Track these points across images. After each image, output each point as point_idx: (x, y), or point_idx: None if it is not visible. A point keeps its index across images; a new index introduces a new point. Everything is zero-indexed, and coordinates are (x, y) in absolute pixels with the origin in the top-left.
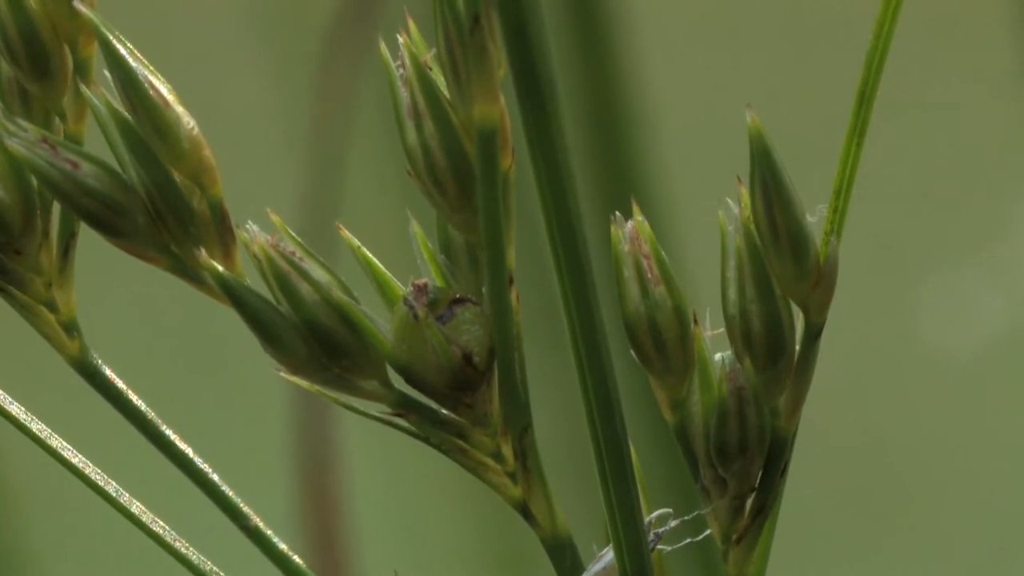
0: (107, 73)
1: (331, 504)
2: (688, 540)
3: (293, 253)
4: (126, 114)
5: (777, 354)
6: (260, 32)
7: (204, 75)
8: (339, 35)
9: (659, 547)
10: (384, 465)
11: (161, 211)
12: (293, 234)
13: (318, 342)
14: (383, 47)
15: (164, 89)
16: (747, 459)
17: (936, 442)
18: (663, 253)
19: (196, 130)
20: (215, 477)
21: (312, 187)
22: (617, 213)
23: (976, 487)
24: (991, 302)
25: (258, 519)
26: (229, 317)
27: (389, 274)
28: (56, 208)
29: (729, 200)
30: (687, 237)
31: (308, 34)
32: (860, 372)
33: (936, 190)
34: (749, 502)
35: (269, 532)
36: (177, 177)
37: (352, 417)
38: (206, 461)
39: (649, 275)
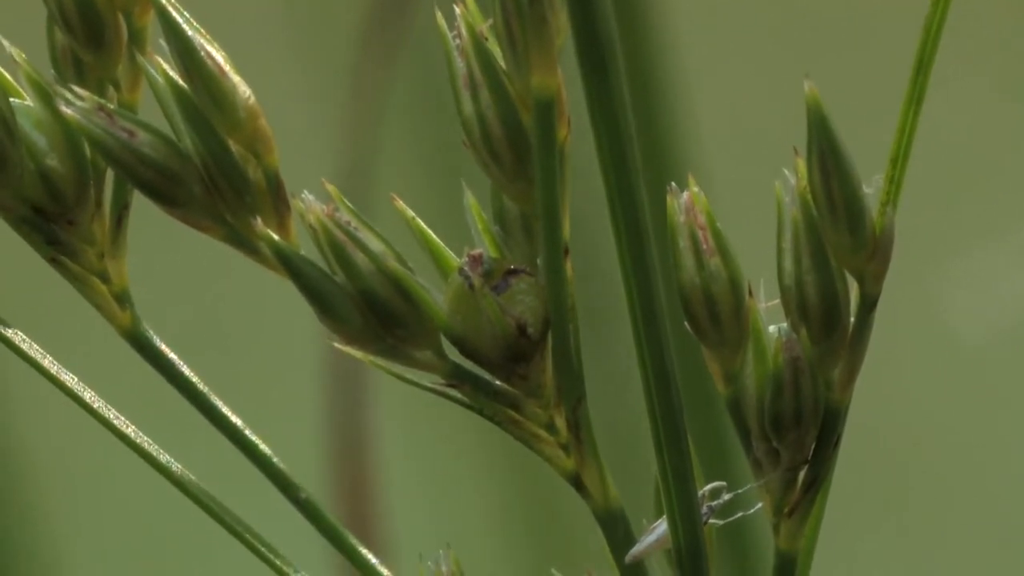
0: (162, 42)
1: (364, 484)
2: (740, 514)
3: (348, 223)
4: (182, 83)
5: (832, 325)
6: (296, 13)
7: (239, 56)
8: (377, 14)
9: (711, 521)
10: (417, 444)
11: (217, 180)
12: (348, 204)
13: (373, 312)
14: (439, 17)
15: (220, 58)
16: (801, 430)
17: (958, 428)
18: (718, 224)
19: (252, 99)
20: (267, 449)
21: (348, 163)
22: (673, 184)
23: (999, 474)
24: (1012, 287)
25: (307, 492)
26: (259, 297)
27: (443, 245)
28: (108, 179)
29: (786, 171)
30: (728, 209)
31: (345, 13)
32: (882, 355)
33: (954, 175)
34: (801, 475)
35: (319, 506)
36: (233, 146)
37: (386, 396)
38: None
39: (704, 246)
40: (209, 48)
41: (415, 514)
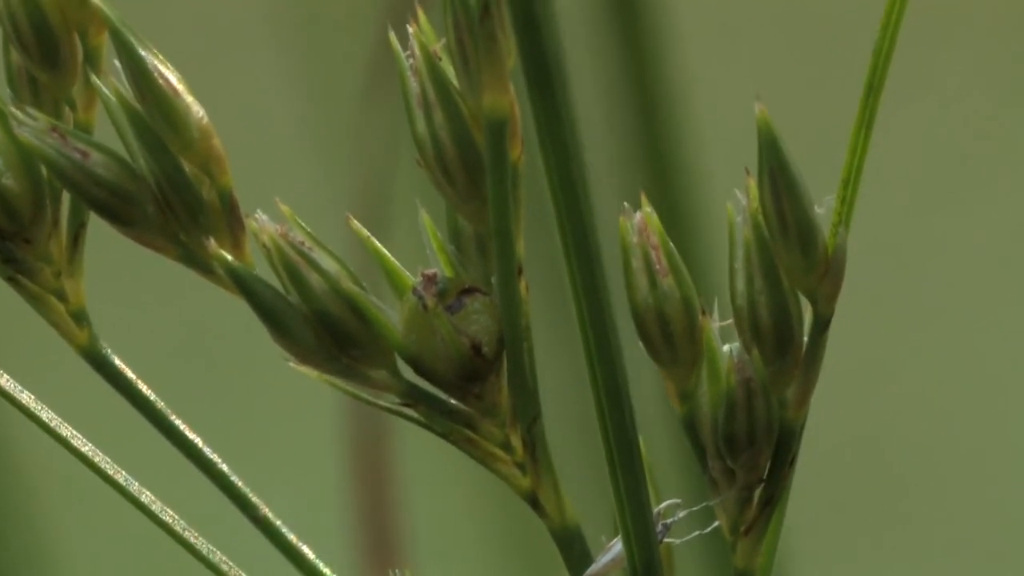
0: (117, 63)
1: (381, 479)
2: (696, 532)
3: (302, 243)
4: (135, 103)
5: (785, 345)
6: (303, 48)
7: (244, 90)
8: (384, 46)
9: (667, 539)
10: (435, 439)
11: (171, 200)
12: (302, 224)
13: (327, 332)
14: (392, 37)
15: (174, 78)
16: (755, 450)
17: (960, 436)
18: (671, 244)
19: (206, 119)
20: (224, 467)
21: (360, 193)
22: (626, 204)
23: (1001, 483)
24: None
25: (267, 510)
26: None
27: (399, 264)
28: (65, 197)
29: (738, 191)
30: (717, 228)
31: (354, 37)
32: (879, 365)
33: (939, 188)
34: (757, 493)
35: (278, 523)
36: (187, 166)
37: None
38: (256, 436)
39: (657, 266)
40: (162, 68)
41: (434, 508)
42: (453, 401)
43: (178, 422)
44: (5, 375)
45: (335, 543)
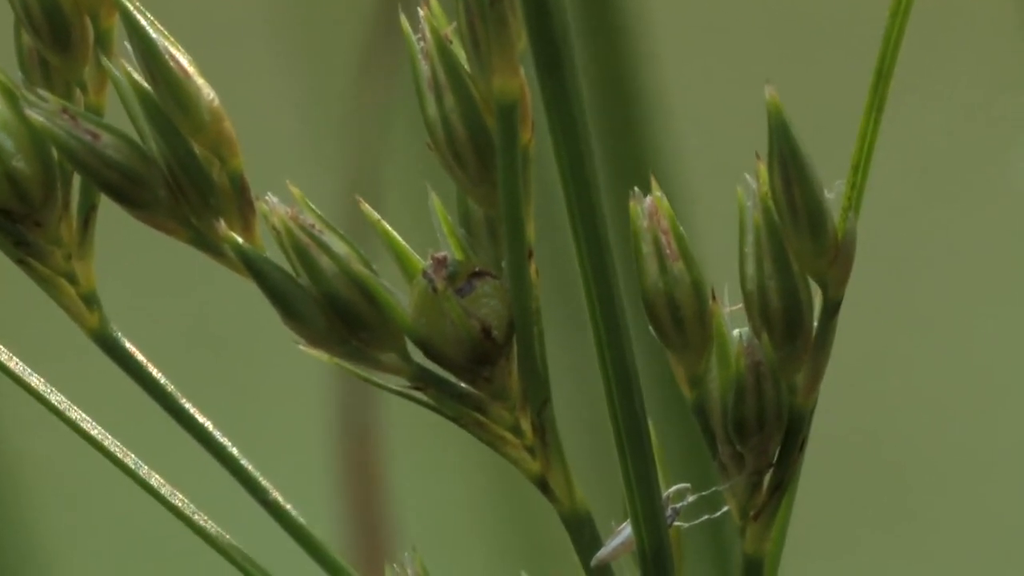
0: (128, 45)
1: (371, 472)
2: (706, 516)
3: (312, 225)
4: (146, 85)
5: (795, 330)
6: (297, 27)
7: (239, 69)
8: (381, 18)
9: (676, 523)
10: (425, 432)
11: (181, 183)
12: (312, 206)
13: (337, 314)
14: (403, 20)
15: (184, 61)
16: (765, 435)
17: (959, 430)
18: (681, 229)
19: (216, 102)
20: (235, 451)
21: (352, 174)
22: (636, 188)
23: (1001, 477)
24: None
25: (277, 493)
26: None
27: (409, 247)
28: (76, 180)
29: (747, 176)
30: (700, 215)
31: (347, 26)
32: (880, 359)
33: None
34: (767, 478)
35: (288, 506)
36: (197, 149)
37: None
38: (246, 428)
39: (667, 251)
40: (173, 51)
41: (423, 500)
42: (463, 384)
43: (188, 405)
44: (15, 358)
45: (325, 533)
